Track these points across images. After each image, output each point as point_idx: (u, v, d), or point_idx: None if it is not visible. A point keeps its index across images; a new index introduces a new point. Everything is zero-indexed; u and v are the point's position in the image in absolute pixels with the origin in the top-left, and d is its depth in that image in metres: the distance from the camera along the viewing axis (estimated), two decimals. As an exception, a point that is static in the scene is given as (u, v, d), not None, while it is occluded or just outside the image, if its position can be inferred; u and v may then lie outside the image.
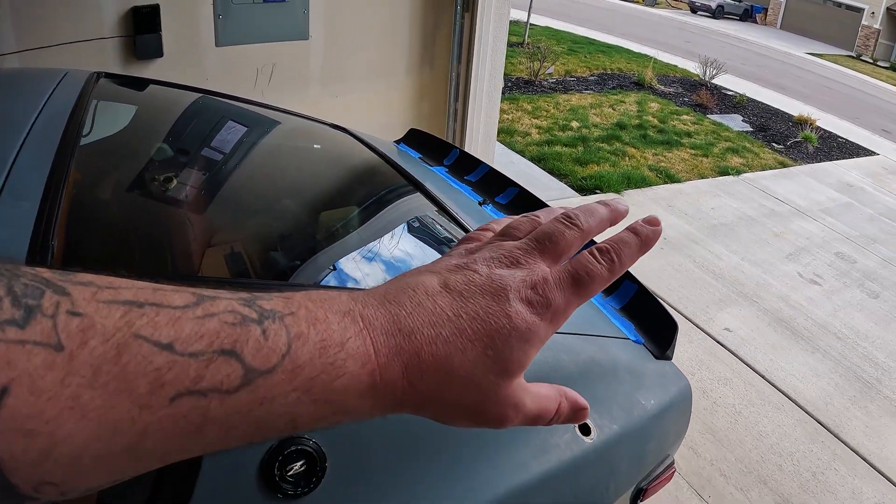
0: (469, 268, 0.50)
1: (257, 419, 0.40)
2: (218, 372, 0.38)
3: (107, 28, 3.39)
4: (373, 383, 0.44)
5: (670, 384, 1.62)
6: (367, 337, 0.44)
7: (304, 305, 0.44)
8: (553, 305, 0.49)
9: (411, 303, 0.47)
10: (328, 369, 0.42)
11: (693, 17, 32.73)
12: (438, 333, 0.46)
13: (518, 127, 9.14)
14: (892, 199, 9.70)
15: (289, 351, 0.40)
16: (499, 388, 0.48)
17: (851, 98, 18.80)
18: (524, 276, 0.50)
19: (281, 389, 0.40)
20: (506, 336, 0.47)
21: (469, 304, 0.47)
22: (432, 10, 4.63)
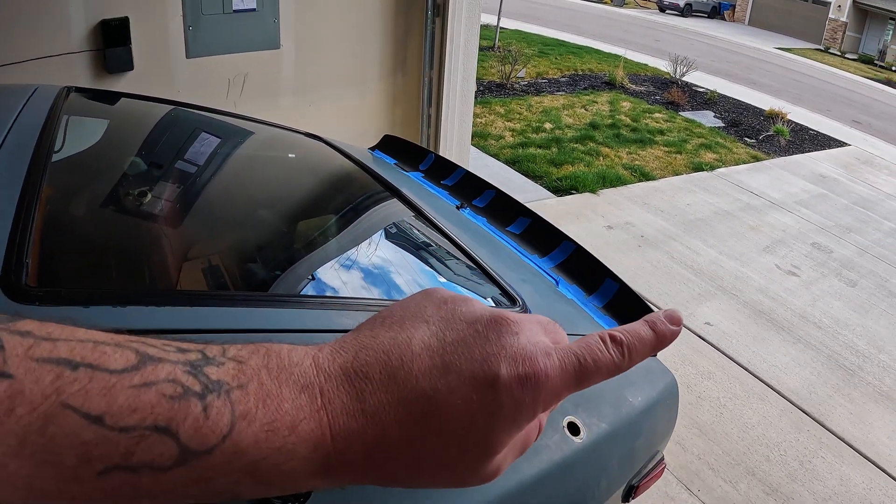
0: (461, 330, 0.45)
1: (195, 495, 0.38)
2: (150, 450, 0.35)
3: (76, 42, 3.35)
4: (327, 467, 0.41)
5: (657, 380, 1.62)
6: (324, 418, 0.40)
7: (258, 377, 0.40)
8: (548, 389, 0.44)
9: (382, 374, 0.42)
10: (274, 454, 0.39)
11: (662, 16, 32.98)
12: (409, 412, 0.41)
13: (491, 130, 9.16)
14: (865, 188, 9.80)
15: (230, 432, 0.37)
16: (477, 470, 0.45)
17: (821, 90, 19.01)
18: (522, 345, 0.45)
19: (220, 471, 0.37)
20: (490, 414, 0.43)
21: (451, 378, 0.42)
22: (403, 16, 4.62)
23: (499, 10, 13.68)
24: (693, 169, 8.95)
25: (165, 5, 3.59)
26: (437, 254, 1.76)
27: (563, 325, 1.55)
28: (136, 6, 3.47)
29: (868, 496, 3.65)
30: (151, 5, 3.54)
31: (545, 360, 0.44)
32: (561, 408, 1.31)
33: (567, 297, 1.75)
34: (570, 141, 9.16)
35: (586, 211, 6.92)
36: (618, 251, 6.02)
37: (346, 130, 4.48)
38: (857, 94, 20.24)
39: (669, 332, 0.50)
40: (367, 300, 1.22)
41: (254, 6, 3.93)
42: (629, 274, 5.54)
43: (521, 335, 0.45)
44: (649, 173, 8.44)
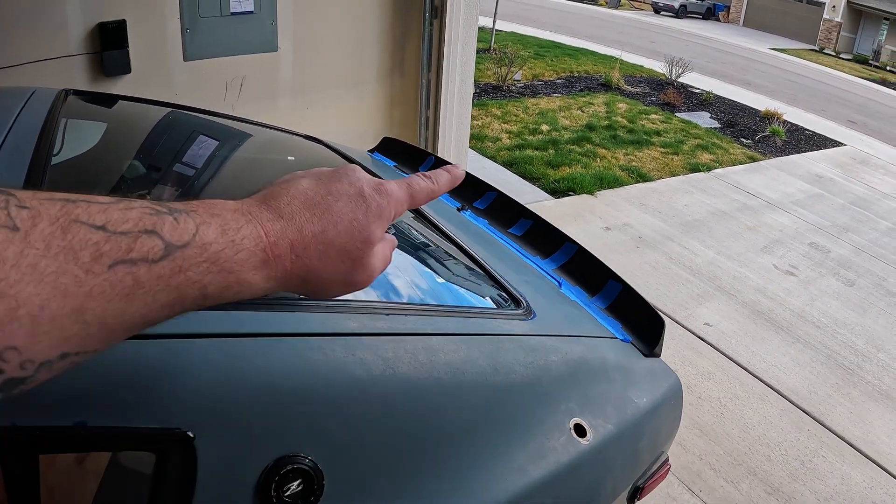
0: (329, 170, 0.65)
1: (176, 286, 0.48)
2: (144, 245, 0.46)
3: (73, 45, 3.34)
4: (265, 259, 0.55)
5: (661, 381, 1.61)
6: (257, 223, 0.55)
7: (202, 206, 0.53)
8: (394, 195, 0.66)
9: (287, 196, 0.59)
10: (230, 245, 0.52)
11: (657, 18, 33.02)
12: (313, 213, 0.59)
13: (488, 132, 9.14)
14: (862, 187, 9.81)
15: (197, 231, 0.50)
16: (364, 254, 0.62)
17: (816, 91, 19.03)
18: (370, 179, 0.65)
19: (194, 260, 0.49)
20: (364, 212, 0.62)
21: (333, 187, 0.62)
22: (401, 18, 4.61)
23: (494, 13, 13.68)
24: (690, 170, 8.94)
25: (163, 8, 3.58)
26: (439, 255, 1.75)
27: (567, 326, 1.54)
28: (133, 9, 3.46)
29: (869, 495, 3.64)
30: (149, 8, 3.53)
31: (386, 182, 0.67)
32: (567, 409, 1.31)
33: (571, 299, 1.74)
34: (566, 143, 9.15)
35: (584, 212, 6.92)
36: (616, 252, 6.02)
37: (345, 132, 4.47)
38: (852, 94, 20.28)
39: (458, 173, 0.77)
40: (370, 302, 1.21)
41: (251, 8, 3.93)
42: (627, 275, 5.44)
43: (365, 173, 0.66)
44: (646, 174, 8.43)
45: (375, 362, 1.02)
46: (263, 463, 0.90)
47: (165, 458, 0.86)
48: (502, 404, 1.16)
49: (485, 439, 1.11)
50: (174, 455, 0.85)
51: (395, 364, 1.03)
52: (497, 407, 1.16)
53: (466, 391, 1.12)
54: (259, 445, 0.91)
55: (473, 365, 1.14)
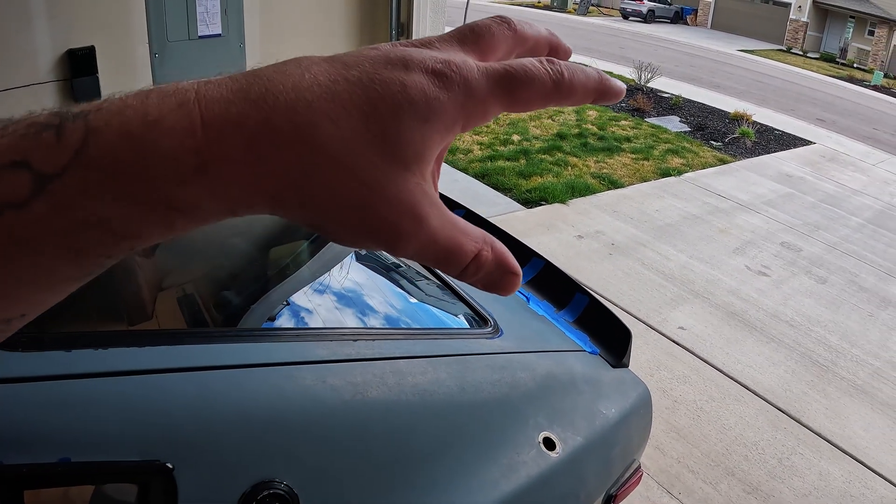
0: (369, 46, 0.39)
1: (62, 231, 0.33)
2: (6, 186, 0.32)
3: (43, 72, 3.34)
4: (200, 164, 0.33)
5: (629, 390, 1.65)
6: (195, 109, 0.33)
7: (121, 98, 0.34)
8: (468, 85, 0.37)
9: (273, 71, 0.36)
10: (132, 156, 0.33)
11: (625, 23, 33.25)
12: (301, 97, 0.34)
13: (459, 144, 9.17)
14: (832, 185, 9.95)
15: (83, 146, 0.33)
16: (387, 179, 0.36)
17: (785, 91, 19.26)
18: (435, 53, 0.38)
19: (76, 190, 0.33)
20: (395, 106, 0.35)
21: (352, 71, 0.36)
22: (368, 36, 4.65)
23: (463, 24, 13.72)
24: (661, 175, 9.02)
25: (131, 33, 3.58)
26: (408, 275, 1.78)
27: (535, 341, 1.58)
28: (102, 35, 3.47)
29: (848, 489, 3.70)
30: (117, 34, 3.54)
31: (465, 60, 0.38)
32: (535, 423, 1.34)
33: (538, 314, 1.78)
34: (538, 152, 9.21)
35: (557, 221, 6.96)
36: (589, 260, 6.07)
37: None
38: (820, 92, 20.54)
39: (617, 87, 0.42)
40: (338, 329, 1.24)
41: (219, 31, 3.94)
42: (601, 282, 5.59)
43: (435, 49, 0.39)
44: (618, 181, 8.50)
45: (345, 388, 1.05)
46: (241, 489, 0.93)
47: (147, 489, 0.89)
48: (471, 422, 1.19)
49: (455, 457, 1.14)
50: (155, 486, 0.88)
51: (364, 389, 1.07)
52: (466, 425, 1.19)
53: (435, 411, 1.15)
54: (236, 473, 0.94)
55: (441, 385, 1.17)
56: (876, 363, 5.11)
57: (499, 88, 0.37)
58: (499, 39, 0.41)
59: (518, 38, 0.42)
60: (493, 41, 0.41)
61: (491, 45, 0.40)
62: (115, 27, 3.53)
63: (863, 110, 18.60)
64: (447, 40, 0.40)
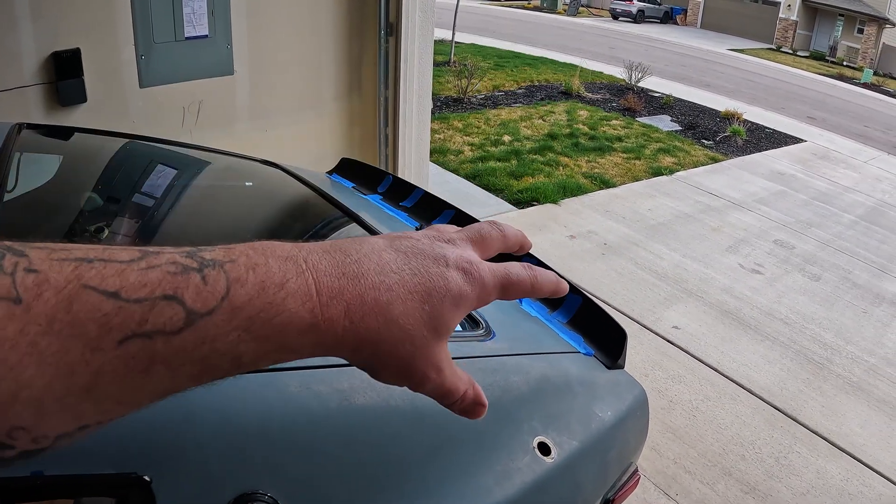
0: (412, 237, 0.55)
1: (202, 358, 0.42)
2: (161, 315, 0.40)
3: (28, 76, 3.30)
4: (314, 322, 0.46)
5: (625, 392, 1.61)
6: (310, 277, 0.46)
7: (246, 254, 0.46)
8: (483, 283, 0.54)
9: (357, 253, 0.50)
10: (267, 308, 0.44)
11: (615, 24, 33.33)
12: (382, 281, 0.49)
13: (450, 146, 9.15)
14: (823, 182, 9.96)
15: (228, 293, 0.43)
16: (429, 345, 0.51)
17: (775, 89, 19.32)
18: (461, 253, 0.55)
19: (222, 329, 0.42)
20: (441, 295, 0.51)
21: (412, 262, 0.52)
22: (357, 36, 4.62)
23: (453, 25, 13.73)
24: (652, 174, 9.01)
25: (117, 35, 3.55)
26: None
27: (528, 343, 1.54)
28: (87, 37, 3.43)
29: (845, 487, 3.68)
30: (103, 35, 3.50)
31: (480, 263, 0.56)
32: (530, 428, 1.31)
33: (531, 315, 1.74)
34: (529, 152, 9.19)
35: (548, 222, 6.94)
36: (582, 260, 6.04)
37: (304, 154, 4.46)
38: (810, 90, 20.62)
39: (564, 285, 0.63)
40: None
41: (206, 32, 3.91)
42: (594, 282, 5.56)
43: (464, 247, 0.57)
44: (609, 180, 8.48)
45: (331, 395, 1.02)
46: (223, 502, 0.89)
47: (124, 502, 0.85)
48: (463, 428, 1.16)
49: (446, 464, 1.10)
50: (132, 499, 0.84)
51: (351, 395, 1.03)
52: (458, 431, 1.15)
53: (425, 417, 1.11)
54: (218, 485, 0.91)
55: (432, 390, 1.14)
56: (871, 360, 5.10)
57: (500, 286, 0.56)
58: (494, 241, 0.61)
59: (504, 240, 0.62)
60: (491, 242, 0.60)
61: (489, 245, 0.60)
62: (101, 29, 3.50)
63: (853, 108, 18.67)
64: (464, 239, 0.58)
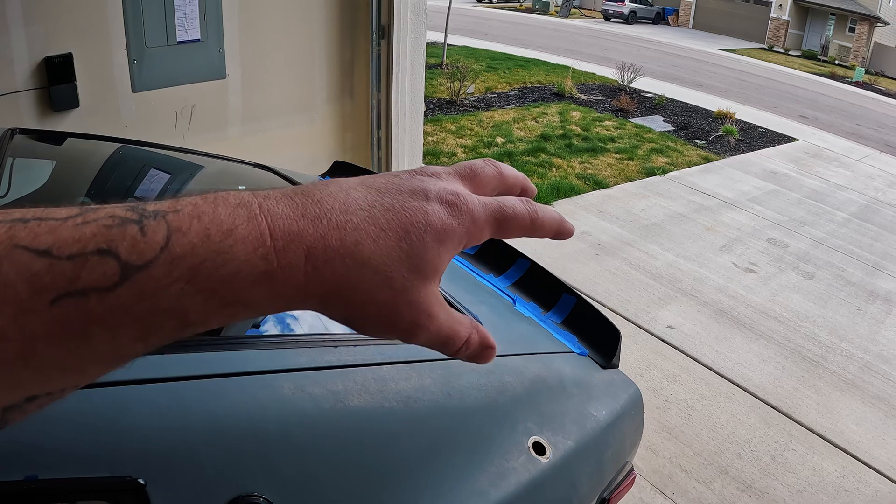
0: (389, 174, 0.50)
1: (142, 316, 0.38)
2: (94, 271, 0.37)
3: (20, 81, 3.30)
4: (268, 270, 0.41)
5: (620, 392, 1.62)
6: (263, 222, 0.42)
7: (193, 203, 0.41)
8: (472, 215, 0.48)
9: (321, 193, 0.45)
10: (212, 256, 0.40)
11: (607, 25, 33.37)
12: (348, 220, 0.44)
13: (443, 148, 9.14)
14: (816, 181, 9.98)
15: (167, 244, 0.39)
16: (412, 287, 0.46)
17: (767, 88, 19.36)
18: (445, 185, 0.49)
19: (161, 282, 0.38)
20: (421, 231, 0.45)
21: (385, 198, 0.46)
22: (349, 39, 4.62)
23: (445, 28, 13.73)
24: (645, 174, 9.01)
25: (109, 39, 3.54)
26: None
27: (523, 344, 1.54)
28: (79, 42, 3.43)
29: (842, 483, 3.69)
30: (95, 40, 3.50)
31: (469, 194, 0.49)
32: (525, 428, 1.31)
33: (525, 316, 1.75)
34: (522, 154, 9.19)
35: (543, 222, 6.92)
36: (576, 261, 6.04)
37: (297, 157, 4.46)
38: (802, 89, 20.67)
39: (569, 226, 0.56)
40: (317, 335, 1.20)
41: (198, 37, 3.91)
42: (588, 283, 5.56)
43: (450, 180, 0.50)
44: (602, 181, 8.48)
45: (326, 396, 1.02)
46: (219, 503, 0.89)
47: (118, 507, 0.85)
48: (458, 429, 1.16)
49: (442, 465, 1.10)
50: (127, 503, 0.84)
51: (345, 397, 1.03)
52: (453, 432, 1.16)
53: (420, 418, 1.11)
54: (213, 487, 0.90)
55: (426, 392, 1.14)
56: (866, 357, 5.11)
57: (493, 219, 0.49)
58: (489, 178, 0.53)
59: (501, 179, 0.54)
60: (485, 179, 0.53)
61: (483, 182, 0.53)
62: (93, 33, 3.49)
63: (845, 106, 18.72)
64: (451, 174, 0.51)
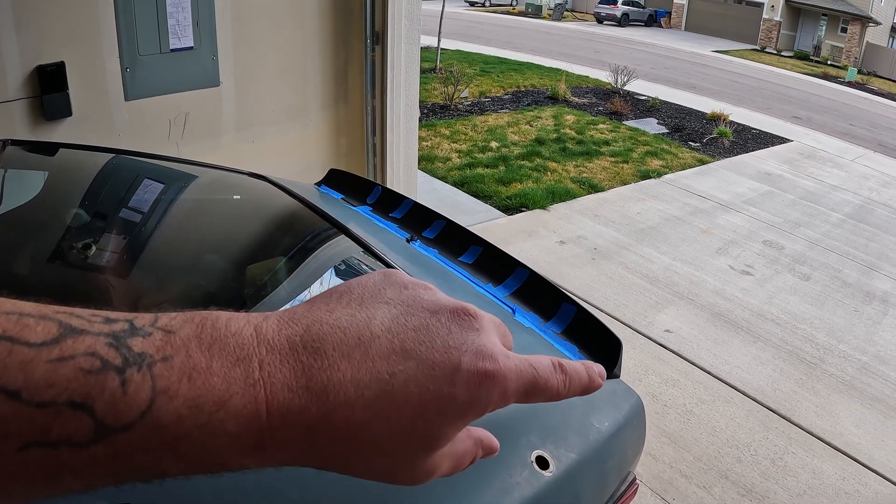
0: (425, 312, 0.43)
1: (116, 472, 0.36)
2: (67, 425, 0.34)
3: (12, 90, 3.28)
4: (259, 445, 0.38)
5: (622, 402, 1.60)
6: (261, 392, 0.37)
7: (186, 349, 0.37)
8: (504, 391, 0.42)
9: (335, 351, 0.39)
10: (198, 432, 0.36)
11: (600, 28, 33.46)
12: (360, 395, 0.39)
13: (438, 153, 9.13)
14: (811, 182, 9.99)
15: (150, 408, 0.35)
16: (420, 460, 0.42)
17: (760, 90, 19.41)
18: (483, 344, 0.43)
19: (140, 447, 0.35)
20: (442, 408, 0.40)
21: (409, 363, 0.40)
22: (342, 46, 4.60)
23: (439, 32, 13.73)
24: (640, 177, 9.01)
25: (101, 48, 3.52)
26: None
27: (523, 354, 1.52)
28: (71, 50, 3.41)
29: (842, 486, 3.68)
30: (87, 48, 3.48)
31: (505, 362, 0.43)
32: (527, 442, 1.29)
33: (525, 326, 1.73)
34: (516, 158, 9.18)
35: (538, 228, 6.92)
36: (572, 266, 6.03)
37: (291, 164, 4.44)
38: (795, 90, 20.73)
39: (597, 383, 0.50)
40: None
41: (191, 44, 3.89)
42: (585, 288, 5.55)
43: (482, 333, 0.44)
44: (598, 185, 8.47)
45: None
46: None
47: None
48: (460, 445, 1.14)
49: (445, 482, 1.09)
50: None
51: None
52: (455, 448, 1.14)
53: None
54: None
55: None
56: (863, 358, 5.11)
57: (522, 392, 0.44)
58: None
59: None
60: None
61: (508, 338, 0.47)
62: (85, 42, 3.47)
63: (838, 107, 18.78)
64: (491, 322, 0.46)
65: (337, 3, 4.50)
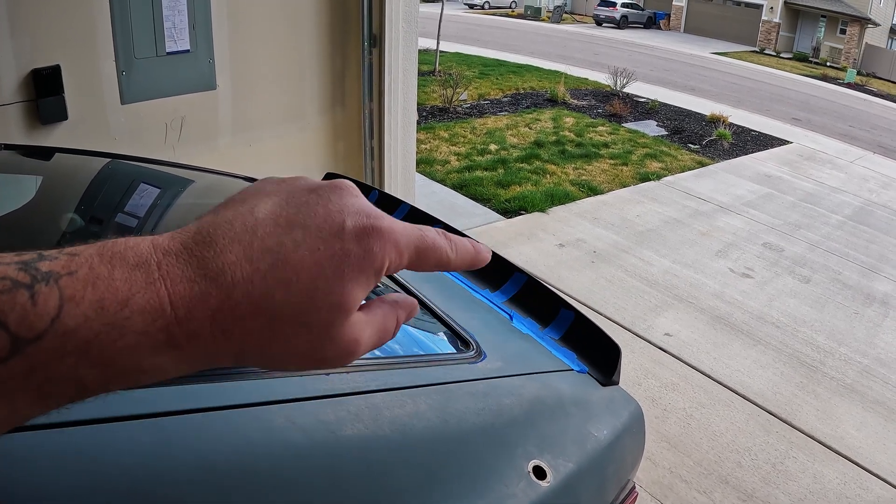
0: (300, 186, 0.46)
1: (37, 386, 0.37)
2: None
3: (7, 94, 3.26)
4: (170, 339, 0.39)
5: (621, 409, 1.58)
6: (161, 288, 0.39)
7: (89, 263, 0.39)
8: (395, 244, 0.45)
9: (224, 239, 0.41)
10: (107, 330, 0.38)
11: (599, 30, 33.50)
12: (255, 269, 0.40)
13: (436, 156, 9.11)
14: (810, 184, 9.99)
15: (59, 315, 0.37)
16: (332, 325, 0.43)
17: (759, 91, 19.42)
18: (362, 206, 0.45)
19: (53, 355, 0.37)
20: (338, 266, 0.42)
21: (296, 231, 0.42)
22: (340, 48, 4.58)
23: (437, 35, 13.73)
24: (640, 179, 9.00)
25: (97, 51, 3.51)
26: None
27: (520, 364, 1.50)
28: (67, 53, 3.39)
29: (843, 490, 3.66)
30: (83, 52, 3.46)
31: (389, 219, 0.46)
32: (524, 452, 1.27)
33: (523, 332, 1.71)
34: (515, 161, 9.17)
35: (537, 231, 6.91)
36: (571, 269, 6.01)
37: (288, 168, 4.42)
38: (794, 91, 20.74)
39: (484, 255, 0.53)
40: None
41: (188, 47, 3.87)
42: (584, 291, 5.53)
43: (361, 198, 0.46)
44: (597, 187, 8.46)
45: (316, 428, 0.98)
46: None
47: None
48: (455, 455, 1.12)
49: (440, 494, 1.07)
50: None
51: (337, 427, 0.99)
52: (450, 459, 1.12)
53: (416, 447, 1.08)
54: (199, 526, 0.86)
55: (421, 419, 1.10)
56: (864, 361, 5.09)
57: (414, 249, 0.46)
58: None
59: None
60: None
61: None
62: (81, 45, 3.45)
63: (837, 108, 18.79)
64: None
65: (334, 6, 4.48)
